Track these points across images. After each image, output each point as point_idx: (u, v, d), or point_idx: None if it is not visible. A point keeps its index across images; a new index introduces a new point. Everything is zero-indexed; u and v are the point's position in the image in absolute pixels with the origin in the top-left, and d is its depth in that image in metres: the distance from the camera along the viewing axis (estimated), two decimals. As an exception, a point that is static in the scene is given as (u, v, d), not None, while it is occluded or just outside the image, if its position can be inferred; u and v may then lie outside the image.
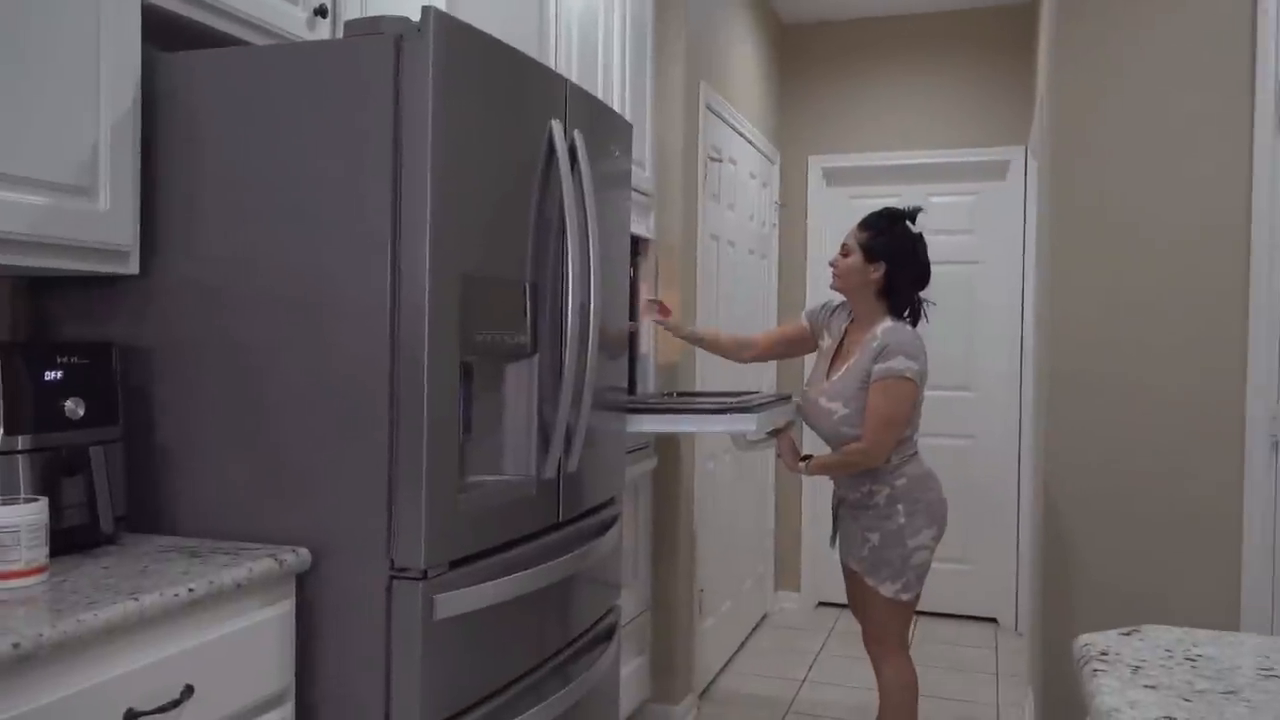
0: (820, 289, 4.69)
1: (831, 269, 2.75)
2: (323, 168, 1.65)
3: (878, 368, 2.58)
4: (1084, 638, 1.16)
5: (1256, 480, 2.56)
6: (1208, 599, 2.66)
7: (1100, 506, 2.84)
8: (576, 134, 2.03)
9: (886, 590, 2.66)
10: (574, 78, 2.69)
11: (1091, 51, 2.87)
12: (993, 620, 4.79)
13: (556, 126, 1.96)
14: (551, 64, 2.63)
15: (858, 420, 2.61)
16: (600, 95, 2.90)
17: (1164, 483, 2.74)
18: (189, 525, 1.71)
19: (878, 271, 2.67)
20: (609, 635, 2.34)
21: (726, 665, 4.08)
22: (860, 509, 2.70)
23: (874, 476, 2.67)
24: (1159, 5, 2.76)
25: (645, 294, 3.22)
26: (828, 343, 2.83)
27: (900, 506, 2.65)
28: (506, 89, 1.82)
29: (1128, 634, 1.17)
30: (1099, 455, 2.84)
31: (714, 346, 3.13)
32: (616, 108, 3.01)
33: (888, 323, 2.65)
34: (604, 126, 2.23)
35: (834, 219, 4.83)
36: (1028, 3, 4.52)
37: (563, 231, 1.99)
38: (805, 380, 2.90)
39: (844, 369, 2.68)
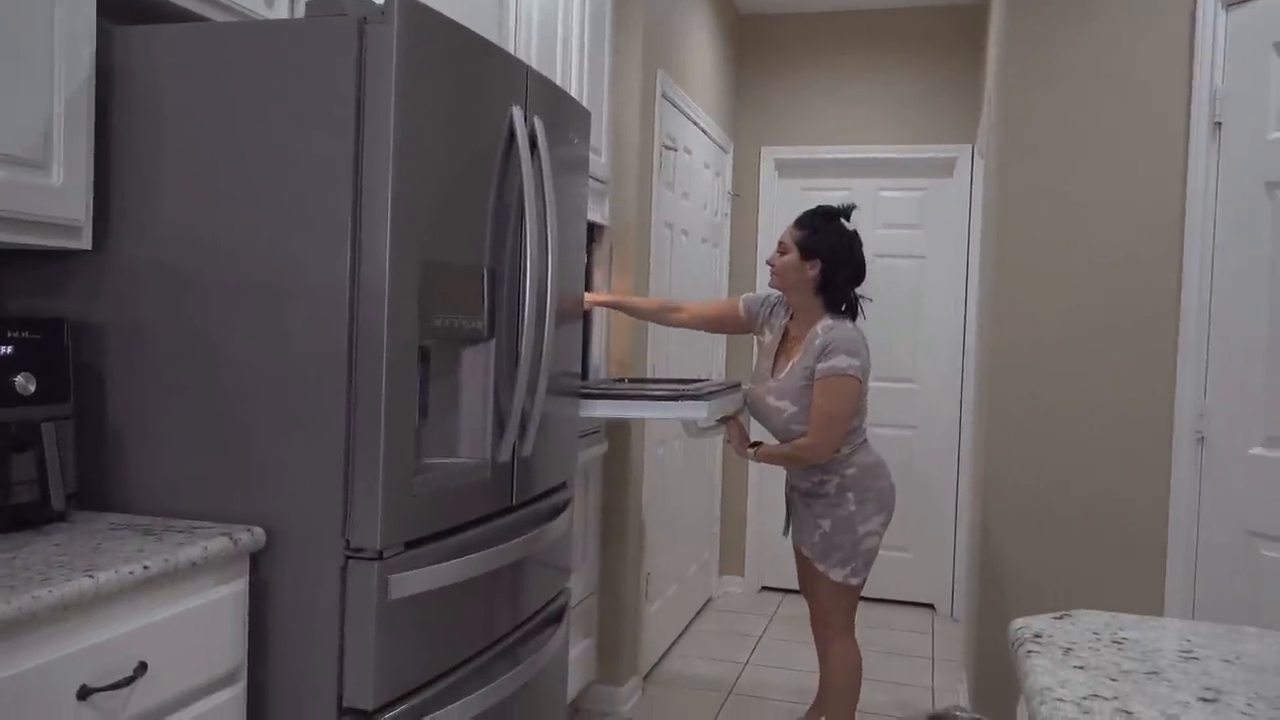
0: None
1: (769, 266, 2.81)
2: (282, 149, 1.65)
3: (820, 366, 2.66)
4: (1018, 621, 1.21)
5: (1182, 475, 2.66)
6: (1135, 589, 2.77)
7: (1034, 499, 2.94)
8: (536, 120, 2.04)
9: (836, 575, 2.76)
10: (533, 63, 2.70)
11: (1036, 53, 2.95)
12: (930, 606, 4.92)
13: (517, 112, 1.97)
14: (511, 49, 2.64)
15: (806, 418, 2.70)
16: (558, 81, 2.91)
17: (1096, 477, 2.84)
18: (142, 504, 1.71)
19: (814, 269, 2.72)
20: (559, 617, 2.37)
21: (671, 648, 4.14)
22: (812, 497, 2.80)
23: (824, 467, 2.75)
24: (1103, 11, 2.84)
25: (599, 280, 3.25)
26: (769, 338, 2.90)
27: (850, 494, 2.75)
28: (468, 74, 1.83)
29: (1059, 618, 1.23)
30: (1035, 449, 2.94)
31: (634, 310, 3.16)
32: (574, 94, 3.03)
33: (827, 320, 2.72)
34: (563, 113, 2.24)
35: (785, 210, 4.88)
36: (979, 3, 4.61)
37: (520, 217, 2.00)
38: (751, 376, 2.95)
39: (789, 367, 2.76)
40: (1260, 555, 2.46)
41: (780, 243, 2.80)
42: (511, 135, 1.96)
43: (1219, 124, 2.61)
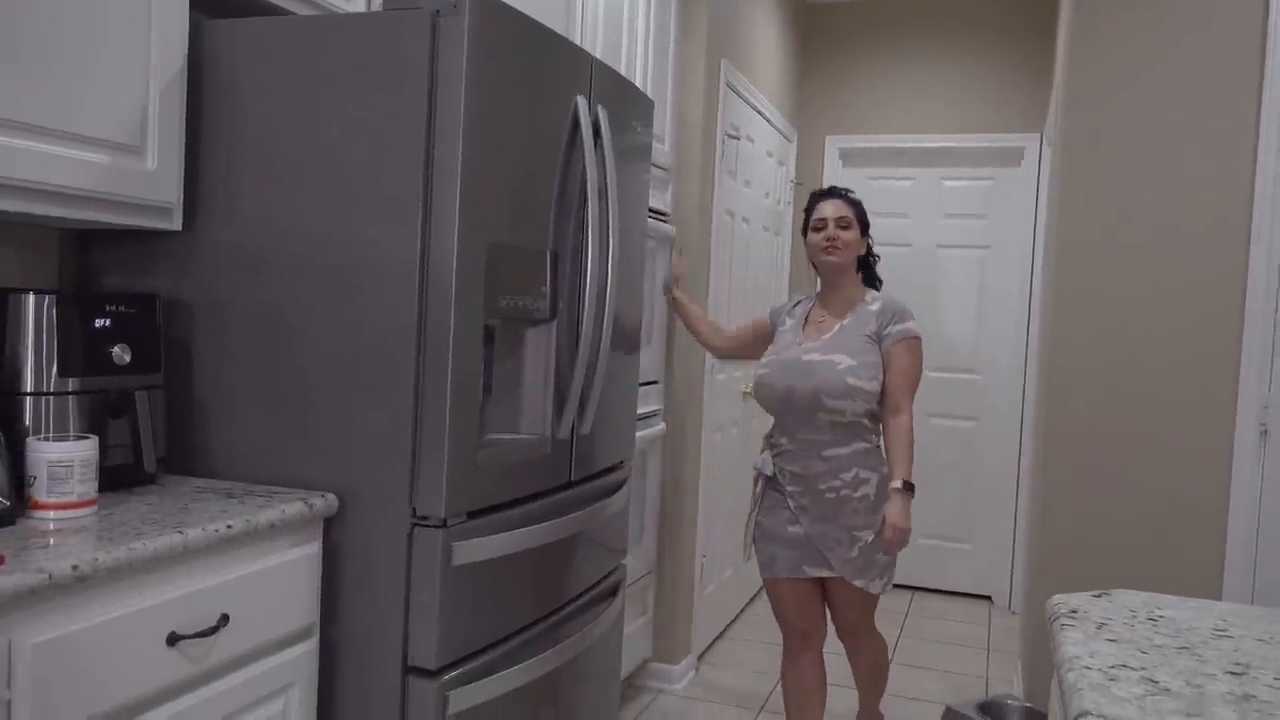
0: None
1: (830, 244, 2.62)
2: (358, 136, 1.74)
3: (894, 329, 2.52)
4: (1056, 597, 1.25)
5: (1244, 467, 2.64)
6: (1193, 581, 2.75)
7: (1095, 490, 2.92)
8: (600, 109, 2.10)
9: (876, 588, 2.56)
10: (598, 53, 2.77)
11: (1105, 43, 2.92)
12: (987, 598, 4.90)
13: (581, 102, 2.03)
14: (577, 39, 2.70)
15: (865, 372, 2.49)
16: (623, 71, 2.97)
17: (1157, 470, 2.82)
18: (224, 470, 1.82)
19: (864, 244, 2.68)
20: (614, 593, 2.44)
21: (725, 631, 4.20)
22: (844, 503, 2.51)
23: (866, 458, 2.52)
24: (1176, 10, 2.81)
25: (676, 266, 3.27)
26: (789, 324, 2.73)
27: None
28: (535, 65, 1.90)
29: (1098, 596, 1.26)
30: (1096, 440, 2.92)
31: (693, 321, 3.12)
32: (639, 83, 3.08)
33: (872, 293, 2.65)
34: (626, 102, 2.30)
35: (848, 199, 4.88)
36: (1049, -10, 4.55)
37: (583, 203, 2.07)
38: (763, 359, 2.71)
39: (835, 329, 2.59)
40: (1323, 551, 2.44)
41: (841, 217, 2.63)
42: (576, 124, 2.03)
43: (1291, 114, 2.57)
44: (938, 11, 4.90)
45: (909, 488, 2.46)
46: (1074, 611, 1.18)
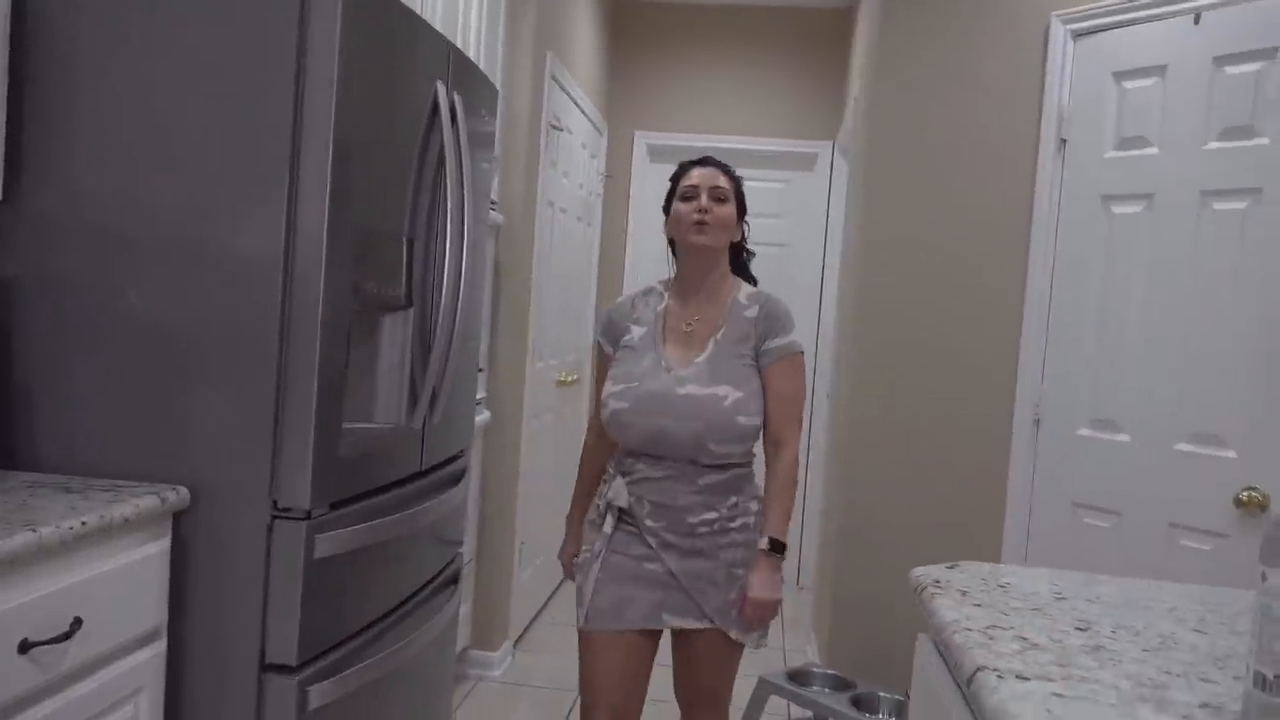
0: (645, 254, 4.91)
1: (700, 218, 2.03)
2: (211, 104, 1.64)
3: (775, 344, 2.02)
4: (918, 570, 1.39)
5: (1020, 453, 2.97)
6: (975, 554, 3.07)
7: (889, 476, 3.19)
8: (456, 95, 2.09)
9: (752, 640, 2.05)
10: (437, 36, 2.72)
11: (902, 63, 3.19)
12: (778, 576, 5.21)
13: (441, 87, 2.01)
14: (417, 20, 2.65)
15: (753, 404, 1.98)
16: (458, 55, 2.93)
17: (944, 456, 3.11)
18: (51, 463, 1.67)
19: (741, 231, 2.16)
20: (454, 581, 2.43)
21: (539, 614, 4.25)
22: (719, 535, 2.00)
23: (743, 482, 2.04)
24: (966, 30, 3.10)
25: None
26: (637, 334, 2.09)
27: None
28: (399, 47, 1.87)
29: (951, 568, 1.41)
30: (891, 430, 3.19)
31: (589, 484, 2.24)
32: (471, 69, 3.05)
33: (746, 288, 2.11)
34: (476, 90, 2.29)
35: (656, 192, 5.01)
36: (845, 7, 4.87)
37: (435, 189, 2.05)
38: (613, 380, 2.07)
39: (709, 347, 2.02)
40: (1083, 523, 2.79)
41: (716, 188, 2.07)
42: (435, 108, 2.01)
43: (1064, 141, 2.91)
44: (744, 20, 5.13)
45: (779, 548, 1.99)
46: (938, 581, 1.32)
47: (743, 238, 2.18)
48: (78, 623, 1.36)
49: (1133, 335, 2.69)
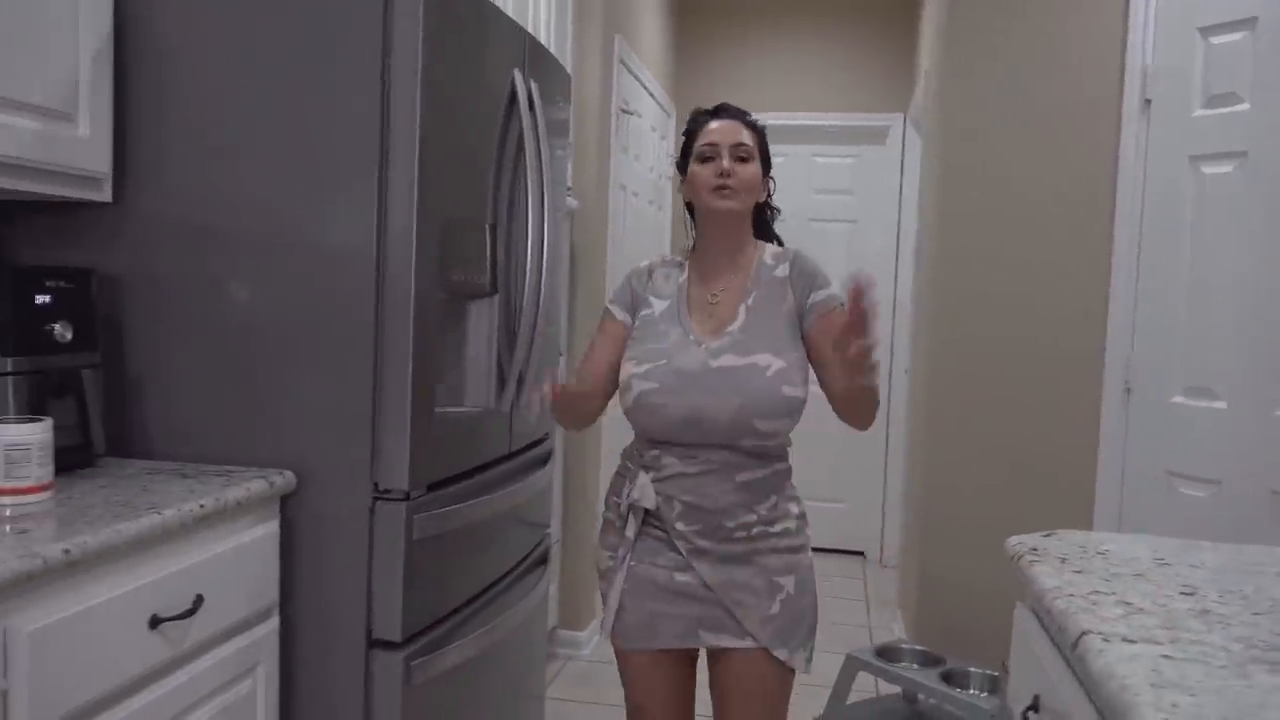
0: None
1: (723, 181, 1.78)
2: (303, 108, 1.70)
3: (820, 297, 1.79)
4: (1013, 539, 1.38)
5: (1111, 421, 2.91)
6: (1065, 526, 3.02)
7: (974, 447, 3.15)
8: (532, 83, 2.12)
9: (800, 661, 1.82)
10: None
11: (977, 32, 3.13)
12: (859, 553, 5.18)
13: (518, 76, 2.05)
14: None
15: (798, 374, 1.76)
16: (529, 43, 2.97)
17: (1032, 427, 3.06)
18: (163, 450, 1.75)
19: (767, 188, 1.90)
20: (543, 561, 2.48)
21: (621, 597, 4.29)
22: (758, 540, 1.77)
23: (780, 483, 1.82)
24: (1043, -8, 3.04)
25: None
26: (660, 307, 1.85)
27: (808, 531, 1.87)
28: (477, 37, 1.91)
29: (1047, 536, 1.40)
30: (975, 403, 3.15)
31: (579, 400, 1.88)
32: (543, 56, 3.09)
33: (769, 248, 1.88)
34: (550, 76, 2.32)
35: (726, 174, 5.02)
36: (913, -23, 4.79)
37: (514, 176, 2.08)
38: (634, 360, 1.80)
39: (741, 314, 1.79)
40: (1179, 493, 2.72)
41: (739, 145, 1.81)
42: (513, 97, 2.04)
43: (1149, 101, 2.83)
44: (808, -7, 5.08)
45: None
46: (1035, 550, 1.32)
47: (768, 195, 1.91)
48: (199, 600, 1.43)
49: (1227, 299, 2.60)
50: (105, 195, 1.70)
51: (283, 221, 1.72)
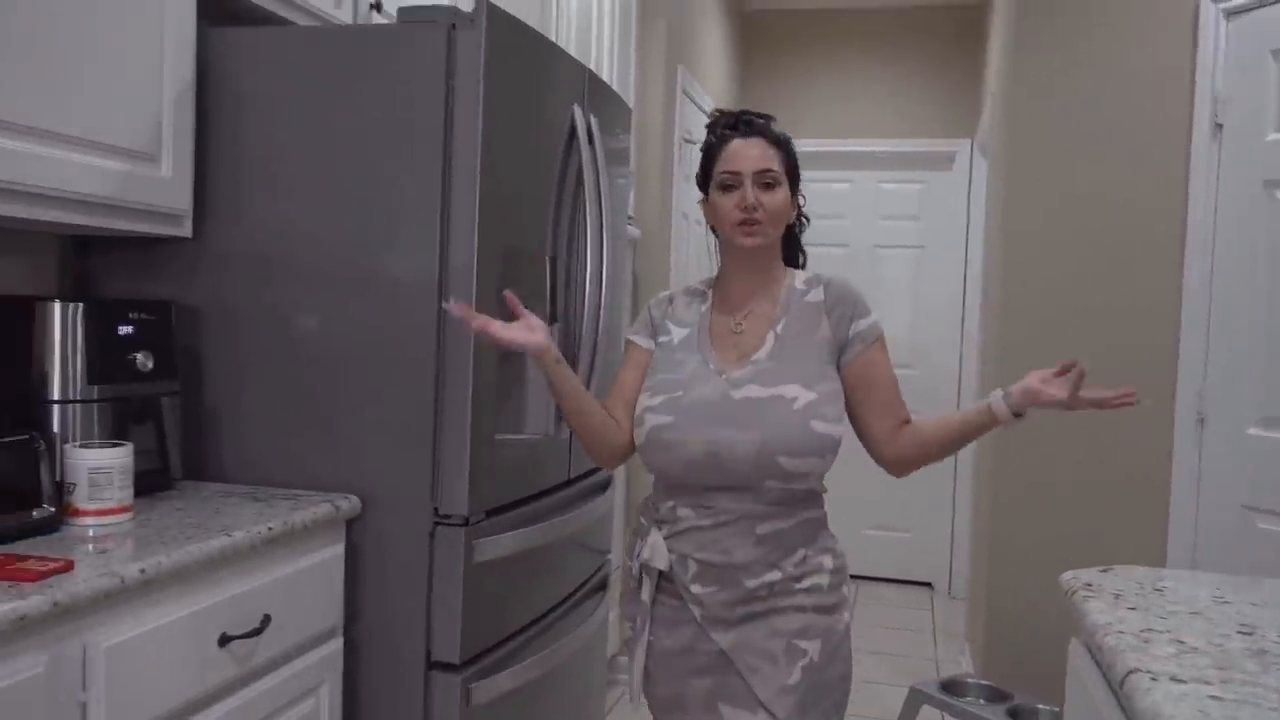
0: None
1: (749, 217, 1.61)
2: (370, 145, 1.77)
3: (864, 326, 1.64)
4: (1068, 574, 1.37)
5: (1184, 453, 2.83)
6: (1139, 563, 2.94)
7: (1042, 480, 3.09)
8: (592, 117, 2.17)
9: None
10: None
11: (1044, 56, 3.10)
12: (928, 585, 5.10)
13: (578, 111, 2.10)
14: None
15: (832, 409, 1.58)
16: (592, 77, 3.04)
17: (1101, 459, 3.00)
18: (236, 474, 1.83)
19: (796, 206, 1.72)
20: (602, 587, 2.51)
21: (683, 624, 4.29)
22: (779, 597, 1.58)
23: (816, 531, 1.63)
24: (1109, 17, 3.00)
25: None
26: (678, 336, 1.71)
27: (844, 590, 1.66)
28: (539, 75, 1.96)
29: (1104, 571, 1.38)
30: (1043, 434, 3.09)
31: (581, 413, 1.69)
32: (606, 89, 3.15)
33: (801, 274, 1.73)
34: (611, 110, 2.37)
35: (790, 201, 5.03)
36: (976, 3, 4.76)
37: (574, 208, 2.13)
38: (649, 392, 1.65)
39: (768, 342, 1.64)
40: (1256, 528, 2.64)
41: (764, 171, 1.62)
42: (573, 131, 2.09)
43: (1220, 125, 2.77)
44: (872, 21, 5.08)
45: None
46: (1089, 585, 1.30)
47: (798, 211, 1.73)
48: (267, 619, 1.49)
49: (1304, 327, 2.53)
50: (185, 231, 1.78)
51: (350, 256, 1.79)
